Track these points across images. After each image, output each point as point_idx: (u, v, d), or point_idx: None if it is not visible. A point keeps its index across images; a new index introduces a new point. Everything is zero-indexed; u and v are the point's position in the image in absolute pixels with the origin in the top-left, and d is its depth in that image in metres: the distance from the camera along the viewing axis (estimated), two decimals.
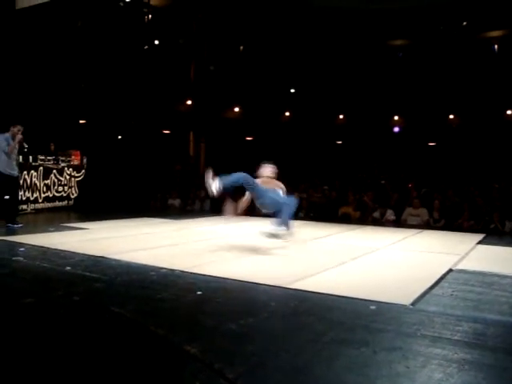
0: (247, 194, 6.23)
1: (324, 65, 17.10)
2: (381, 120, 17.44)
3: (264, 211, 6.37)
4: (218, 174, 5.74)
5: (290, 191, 8.04)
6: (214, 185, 5.69)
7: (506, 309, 3.82)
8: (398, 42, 16.80)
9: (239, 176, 5.86)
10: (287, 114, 18.92)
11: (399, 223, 10.51)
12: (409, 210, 10.81)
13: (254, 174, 6.27)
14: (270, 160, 6.78)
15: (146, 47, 15.14)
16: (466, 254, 6.36)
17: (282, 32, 16.08)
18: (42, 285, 4.36)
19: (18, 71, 12.44)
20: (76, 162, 12.74)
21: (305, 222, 10.12)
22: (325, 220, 10.39)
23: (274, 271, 5.03)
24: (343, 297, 4.00)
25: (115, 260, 5.36)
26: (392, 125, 17.79)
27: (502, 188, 11.99)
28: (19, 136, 8.48)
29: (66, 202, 12.23)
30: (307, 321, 3.41)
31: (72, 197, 12.42)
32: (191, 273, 4.80)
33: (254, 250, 6.24)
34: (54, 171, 11.82)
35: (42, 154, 11.66)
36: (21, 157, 10.92)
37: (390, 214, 10.93)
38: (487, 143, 15.81)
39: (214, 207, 12.67)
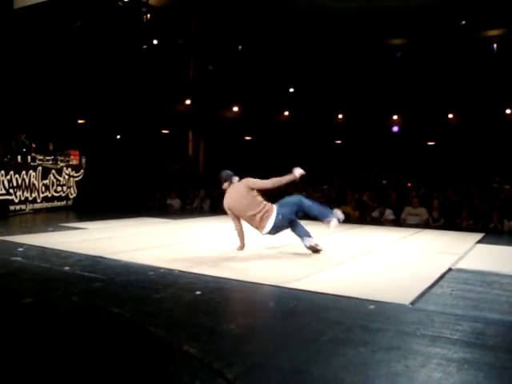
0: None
1: (323, 64, 17.11)
2: (380, 119, 17.45)
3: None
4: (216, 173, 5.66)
5: (287, 191, 8.03)
6: None
7: (506, 308, 3.82)
8: (397, 42, 16.80)
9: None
10: (286, 113, 18.92)
11: (398, 222, 10.50)
12: (408, 209, 10.79)
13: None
14: (270, 160, 6.73)
15: (145, 47, 15.13)
16: (466, 253, 6.35)
17: (280, 32, 16.08)
18: (40, 285, 4.34)
19: (16, 71, 12.42)
20: (75, 162, 12.72)
21: (304, 221, 10.08)
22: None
23: (272, 271, 5.02)
24: (342, 296, 3.98)
25: (114, 260, 5.35)
26: (391, 124, 17.79)
27: (501, 187, 11.99)
28: None
29: (65, 201, 12.22)
30: (306, 320, 3.40)
31: (71, 197, 12.40)
32: (190, 273, 4.79)
33: (253, 250, 6.23)
34: (53, 171, 11.80)
35: (40, 154, 11.64)
36: (19, 157, 10.93)
37: (389, 214, 10.92)
38: (486, 142, 15.82)
39: (213, 207, 12.69)
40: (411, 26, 15.40)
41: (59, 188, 12.00)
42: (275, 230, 5.74)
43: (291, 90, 18.55)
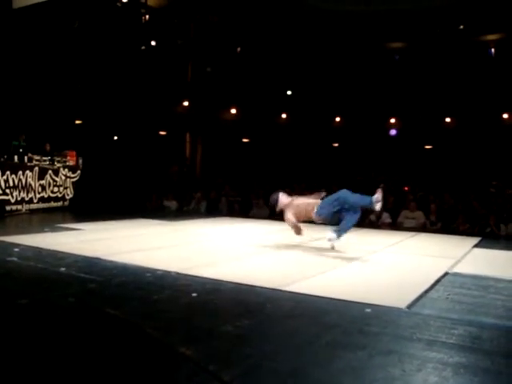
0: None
1: (321, 67, 17.13)
2: (377, 123, 17.47)
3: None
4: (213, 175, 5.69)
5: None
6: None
7: (502, 312, 3.83)
8: (395, 45, 16.84)
9: None
10: (284, 116, 18.92)
11: (395, 226, 10.51)
12: (405, 212, 10.81)
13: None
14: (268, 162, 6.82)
15: (143, 48, 15.12)
16: (462, 257, 6.36)
17: (279, 34, 16.11)
18: (36, 286, 4.33)
19: (13, 71, 12.39)
20: (71, 163, 12.68)
21: (301, 224, 10.08)
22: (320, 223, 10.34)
23: (269, 273, 5.02)
24: (339, 300, 3.98)
25: (111, 261, 5.33)
26: (389, 128, 17.81)
27: (498, 191, 12.03)
28: None
29: (62, 202, 12.18)
30: (303, 323, 3.40)
31: (67, 197, 12.37)
32: (187, 274, 4.78)
33: (250, 252, 6.24)
34: (50, 172, 11.77)
35: (37, 155, 11.61)
36: (16, 157, 10.90)
37: (386, 217, 10.93)
38: (484, 146, 15.85)
39: (209, 209, 12.68)
40: (410, 29, 15.45)
41: (56, 189, 11.96)
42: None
43: (289, 92, 18.55)
